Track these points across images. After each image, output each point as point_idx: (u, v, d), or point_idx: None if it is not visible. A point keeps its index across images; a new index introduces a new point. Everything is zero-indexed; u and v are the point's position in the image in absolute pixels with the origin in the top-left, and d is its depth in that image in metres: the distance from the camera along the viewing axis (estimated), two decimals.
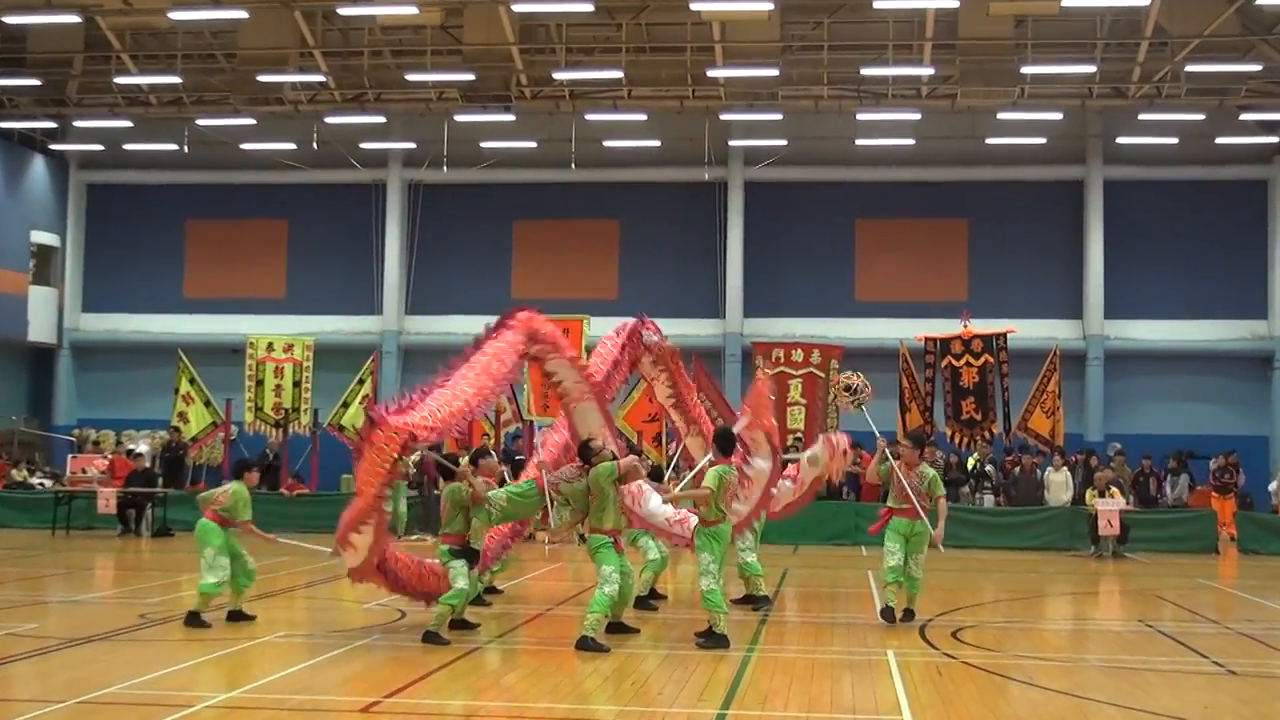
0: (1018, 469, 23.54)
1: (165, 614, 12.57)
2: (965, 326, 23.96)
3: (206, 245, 32.81)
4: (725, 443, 11.81)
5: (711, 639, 11.02)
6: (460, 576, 11.24)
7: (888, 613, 12.37)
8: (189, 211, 32.86)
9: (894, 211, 30.85)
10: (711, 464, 11.86)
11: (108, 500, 22.78)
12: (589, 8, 24.06)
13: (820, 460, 13.97)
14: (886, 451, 12.67)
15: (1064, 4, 23.62)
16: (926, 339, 24.44)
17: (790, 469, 14.42)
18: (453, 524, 11.54)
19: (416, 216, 31.99)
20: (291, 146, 30.85)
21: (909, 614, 12.46)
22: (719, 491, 11.31)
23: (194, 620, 11.79)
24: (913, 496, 12.28)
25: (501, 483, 12.97)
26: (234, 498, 12.29)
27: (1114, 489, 21.29)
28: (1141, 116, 28.65)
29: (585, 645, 10.66)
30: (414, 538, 21.86)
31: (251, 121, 29.88)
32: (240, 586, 12.26)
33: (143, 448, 26.63)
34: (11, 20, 25.02)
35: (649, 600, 13.49)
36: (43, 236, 31.94)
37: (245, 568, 12.30)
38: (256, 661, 10.34)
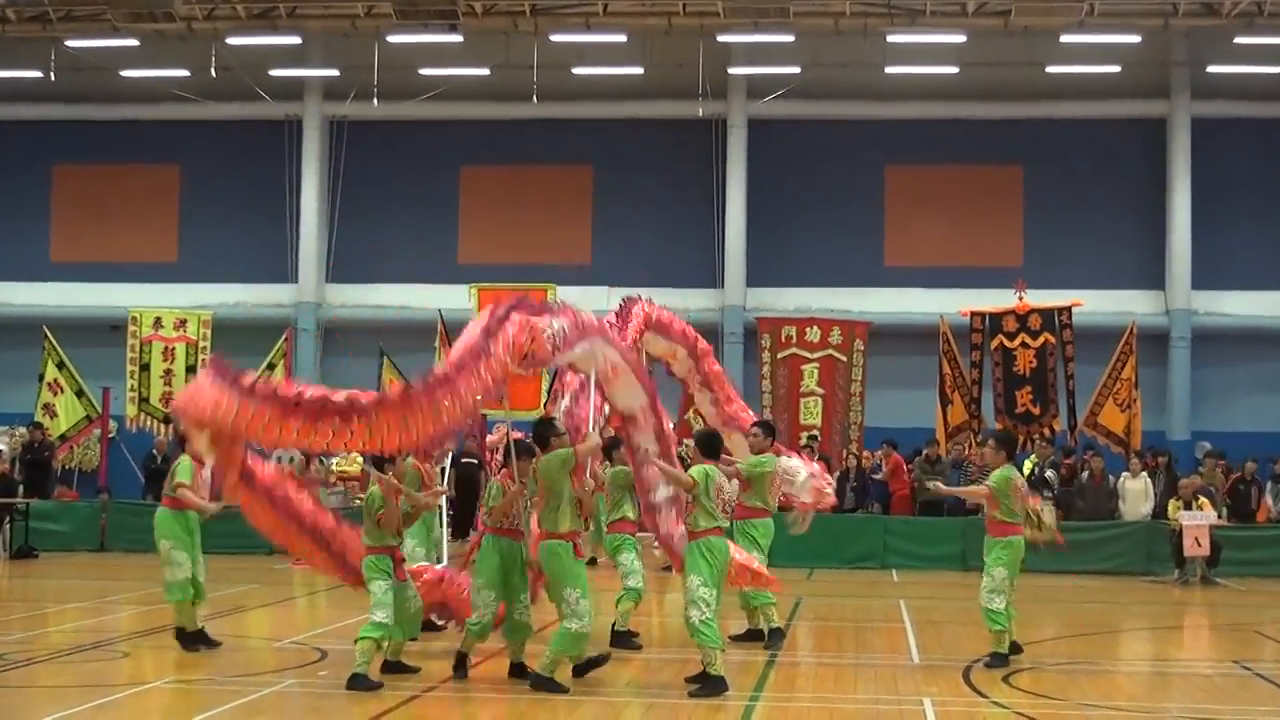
0: (1085, 474, 23.59)
1: (29, 654, 12.50)
2: (1020, 299, 24.00)
3: (78, 196, 32.59)
4: (711, 444, 11.88)
5: (706, 683, 11.03)
6: (380, 607, 11.20)
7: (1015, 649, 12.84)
8: (56, 154, 32.60)
9: (933, 156, 30.83)
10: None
11: None
12: None
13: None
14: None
15: None
16: (973, 314, 24.47)
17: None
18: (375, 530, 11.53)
19: (340, 161, 31.83)
20: (184, 74, 30.64)
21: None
22: (705, 489, 11.36)
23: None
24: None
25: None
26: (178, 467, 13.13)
27: (1203, 499, 21.34)
28: (1238, 40, 28.67)
29: (540, 683, 10.77)
30: None
31: (134, 43, 29.68)
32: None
33: None
34: None
35: (629, 637, 13.48)
36: None
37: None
38: (141, 714, 10.29)
